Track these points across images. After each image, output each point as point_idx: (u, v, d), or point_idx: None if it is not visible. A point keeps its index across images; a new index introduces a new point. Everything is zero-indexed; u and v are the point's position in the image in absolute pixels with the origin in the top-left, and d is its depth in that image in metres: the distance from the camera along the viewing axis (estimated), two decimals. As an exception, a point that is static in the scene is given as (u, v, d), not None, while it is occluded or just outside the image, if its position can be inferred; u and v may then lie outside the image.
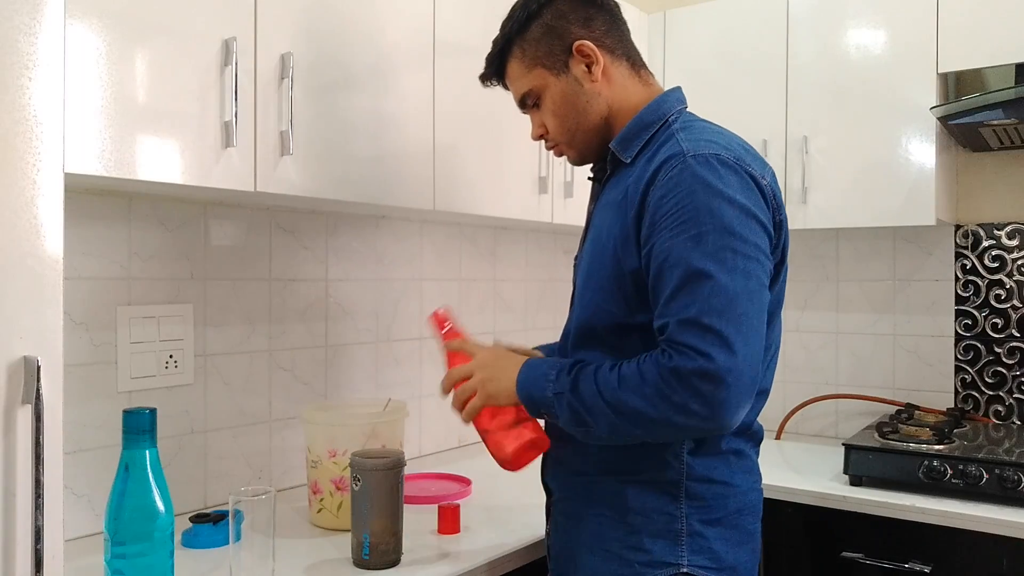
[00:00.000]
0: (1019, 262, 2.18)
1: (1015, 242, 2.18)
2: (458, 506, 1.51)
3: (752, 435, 1.26)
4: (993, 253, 2.21)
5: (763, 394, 1.24)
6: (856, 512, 1.77)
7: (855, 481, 1.85)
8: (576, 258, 1.35)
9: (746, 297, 1.05)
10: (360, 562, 1.31)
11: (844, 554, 1.79)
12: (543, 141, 1.33)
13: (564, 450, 1.27)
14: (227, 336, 1.69)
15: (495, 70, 1.32)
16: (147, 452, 1.08)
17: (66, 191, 0.86)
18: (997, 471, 1.70)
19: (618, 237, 1.16)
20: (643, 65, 1.30)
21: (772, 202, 1.15)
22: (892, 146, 2.04)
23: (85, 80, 1.14)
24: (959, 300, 2.25)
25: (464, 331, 1.36)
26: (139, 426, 1.08)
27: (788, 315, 2.50)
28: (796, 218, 2.17)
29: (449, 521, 1.49)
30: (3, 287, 0.80)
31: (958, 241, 2.26)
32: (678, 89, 1.29)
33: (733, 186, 1.09)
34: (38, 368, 0.81)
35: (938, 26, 1.98)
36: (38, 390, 0.81)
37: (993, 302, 2.21)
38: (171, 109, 1.24)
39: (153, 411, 1.09)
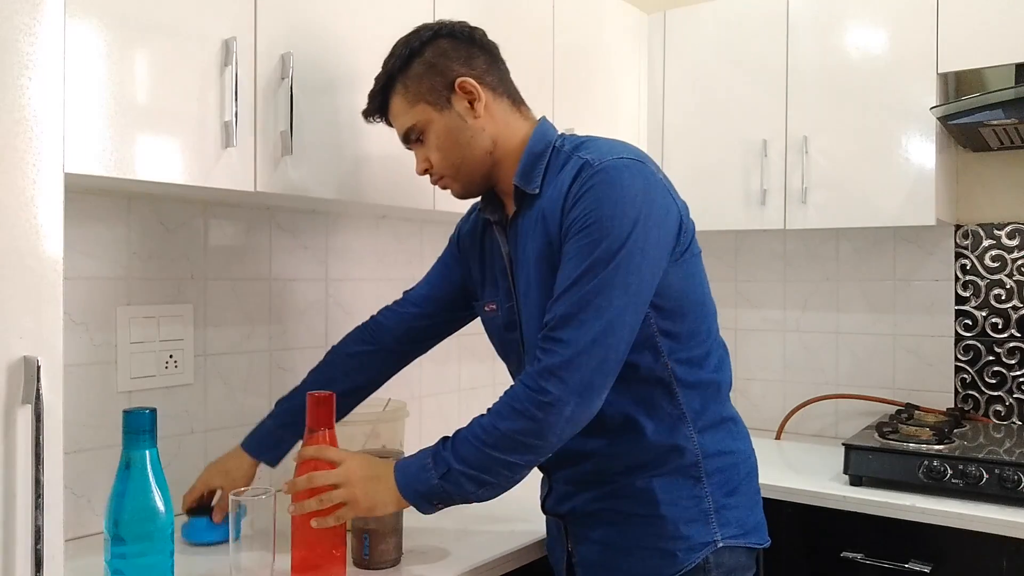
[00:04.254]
0: (1019, 262, 2.18)
1: (1015, 242, 2.18)
2: None
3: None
4: (993, 253, 2.21)
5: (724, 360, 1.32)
6: (856, 512, 1.77)
7: (855, 481, 1.85)
8: (492, 308, 1.36)
9: (620, 299, 1.12)
10: (360, 562, 1.31)
11: (844, 554, 1.79)
12: (428, 175, 1.34)
13: (577, 469, 1.28)
14: (227, 336, 1.69)
15: (378, 106, 1.32)
16: (147, 452, 1.08)
17: (66, 191, 0.86)
18: (997, 471, 1.70)
19: (544, 250, 1.21)
20: (522, 101, 1.34)
21: (671, 191, 1.22)
22: (892, 146, 2.04)
23: (85, 80, 1.14)
24: (959, 300, 2.25)
25: (332, 430, 1.29)
26: (139, 426, 1.08)
27: (788, 315, 2.50)
28: (796, 218, 2.17)
29: None
30: (3, 287, 0.80)
31: (958, 241, 2.26)
32: (544, 118, 1.33)
33: (636, 188, 1.15)
34: (38, 368, 0.81)
35: (938, 26, 1.98)
36: (38, 390, 0.81)
37: (993, 302, 2.21)
38: (171, 109, 1.24)
39: (153, 411, 1.09)
